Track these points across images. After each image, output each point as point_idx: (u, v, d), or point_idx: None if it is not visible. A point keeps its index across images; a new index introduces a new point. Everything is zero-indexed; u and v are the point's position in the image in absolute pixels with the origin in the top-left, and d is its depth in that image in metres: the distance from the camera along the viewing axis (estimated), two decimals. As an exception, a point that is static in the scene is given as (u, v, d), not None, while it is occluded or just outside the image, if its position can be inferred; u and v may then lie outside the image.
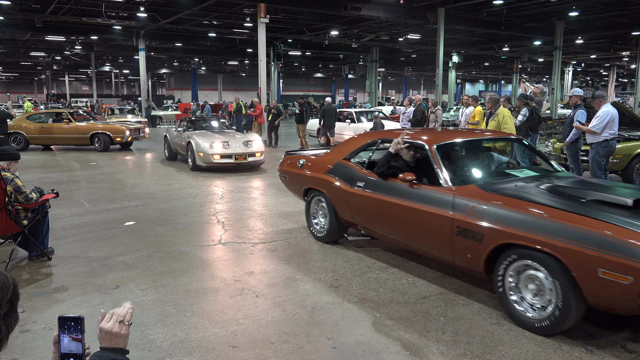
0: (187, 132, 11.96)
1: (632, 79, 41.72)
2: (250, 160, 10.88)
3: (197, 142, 10.81)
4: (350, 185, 5.06)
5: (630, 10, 20.55)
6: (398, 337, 3.46)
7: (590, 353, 3.24)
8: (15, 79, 61.87)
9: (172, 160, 12.93)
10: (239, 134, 12.03)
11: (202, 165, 10.77)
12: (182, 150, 11.73)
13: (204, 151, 10.59)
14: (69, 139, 15.35)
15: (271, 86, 28.62)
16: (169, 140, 12.93)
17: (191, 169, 11.17)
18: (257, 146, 11.10)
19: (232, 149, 10.72)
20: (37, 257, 5.11)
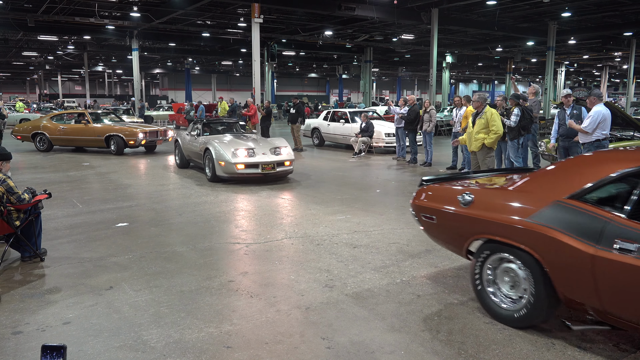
0: (203, 137, 10.48)
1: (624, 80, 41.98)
2: (279, 170, 9.42)
3: (218, 149, 9.33)
4: (596, 243, 3.04)
5: (623, 11, 20.72)
6: (392, 337, 3.47)
7: (584, 352, 3.26)
8: (7, 79, 61.48)
9: (184, 168, 11.53)
10: (263, 139, 10.50)
11: (223, 176, 9.36)
12: (198, 157, 10.39)
13: (225, 160, 9.14)
14: (86, 140, 14.71)
15: (265, 86, 28.60)
16: (181, 145, 11.45)
17: (210, 180, 9.68)
18: (286, 153, 9.62)
19: (258, 157, 9.26)
20: (30, 258, 5.08)
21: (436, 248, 5.48)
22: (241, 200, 8.13)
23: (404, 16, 20.07)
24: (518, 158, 9.36)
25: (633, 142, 9.07)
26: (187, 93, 44.41)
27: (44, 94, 53.55)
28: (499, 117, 7.69)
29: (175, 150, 12.01)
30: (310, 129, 17.18)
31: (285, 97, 49.21)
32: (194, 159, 10.94)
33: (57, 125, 14.98)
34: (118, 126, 14.55)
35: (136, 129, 14.22)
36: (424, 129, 12.04)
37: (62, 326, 3.65)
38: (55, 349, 1.39)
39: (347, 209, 7.43)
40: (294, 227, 6.39)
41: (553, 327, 3.59)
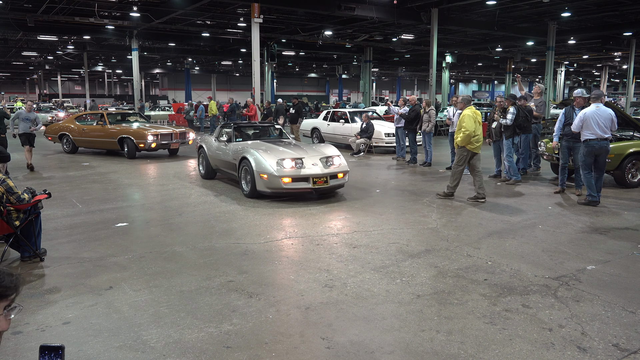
0: (235, 144, 9.00)
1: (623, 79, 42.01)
2: (332, 183, 7.94)
3: (259, 159, 7.84)
4: None
5: (622, 10, 20.71)
6: (392, 337, 3.47)
7: (583, 352, 3.26)
8: (7, 78, 61.50)
9: (210, 179, 10.01)
10: (308, 146, 8.88)
11: (265, 191, 7.84)
12: (229, 168, 9.01)
13: (269, 172, 7.64)
14: (102, 142, 14.03)
15: (265, 86, 28.59)
16: (207, 153, 9.92)
17: (247, 196, 8.15)
18: (338, 164, 8.17)
19: (308, 168, 7.79)
20: (30, 258, 5.07)
21: (436, 248, 5.49)
22: (240, 200, 8.12)
23: (404, 16, 20.07)
24: (510, 157, 9.39)
25: (633, 142, 9.08)
26: (187, 93, 44.41)
27: (44, 94, 53.53)
28: (471, 118, 7.81)
29: (198, 157, 10.50)
30: (310, 129, 17.18)
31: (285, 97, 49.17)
32: (223, 169, 9.45)
33: (81, 127, 14.51)
34: (132, 128, 13.61)
35: (146, 131, 13.23)
36: (423, 129, 12.05)
37: (62, 326, 3.65)
38: (53, 349, 1.39)
39: (346, 208, 7.44)
40: (293, 227, 6.39)
41: (553, 327, 3.60)
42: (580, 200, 7.77)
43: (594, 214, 7.12)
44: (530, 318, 3.74)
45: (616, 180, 9.13)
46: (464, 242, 5.71)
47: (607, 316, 3.77)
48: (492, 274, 4.69)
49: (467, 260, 5.07)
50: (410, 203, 7.88)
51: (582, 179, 7.82)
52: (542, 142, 10.21)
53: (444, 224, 6.57)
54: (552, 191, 8.74)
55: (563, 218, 6.89)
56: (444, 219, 6.85)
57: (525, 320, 3.71)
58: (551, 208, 7.50)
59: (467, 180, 10.13)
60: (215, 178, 10.10)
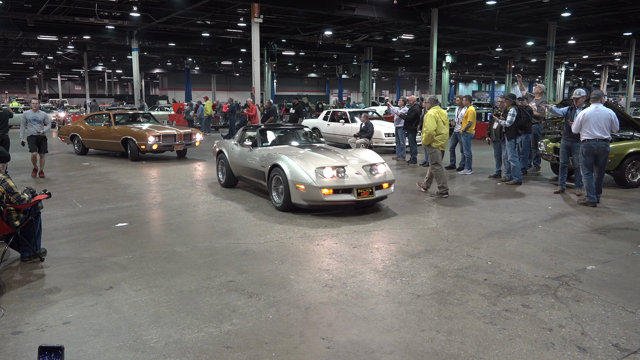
0: (262, 149, 8.06)
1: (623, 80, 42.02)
2: (377, 195, 7.00)
3: (294, 167, 6.86)
4: None
5: (622, 10, 20.73)
6: (392, 337, 3.47)
7: (583, 352, 3.26)
8: (7, 78, 61.50)
9: (230, 187, 9.05)
10: (347, 152, 7.95)
11: (302, 204, 6.87)
12: (256, 176, 7.99)
13: (306, 182, 6.66)
14: (107, 143, 13.60)
15: (265, 86, 28.60)
16: (228, 158, 8.91)
17: (279, 209, 7.20)
18: (383, 171, 7.28)
19: (351, 178, 6.82)
20: (30, 258, 5.07)
21: (436, 248, 5.49)
22: (240, 200, 8.12)
23: (404, 16, 20.08)
24: (515, 158, 9.39)
25: (633, 142, 9.08)
26: (187, 93, 44.42)
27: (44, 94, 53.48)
28: (433, 117, 8.27)
29: (217, 164, 9.43)
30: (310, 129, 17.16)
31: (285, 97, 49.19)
32: (247, 177, 8.41)
33: (89, 128, 14.12)
34: (134, 129, 13.04)
35: (148, 132, 12.66)
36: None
37: (62, 326, 3.65)
38: (52, 349, 1.39)
39: (346, 208, 7.43)
40: (293, 227, 6.39)
41: (553, 327, 3.60)
42: (580, 200, 7.77)
43: (594, 214, 7.12)
44: (530, 318, 3.74)
45: (616, 180, 9.13)
46: (464, 242, 5.71)
47: (607, 316, 3.77)
48: (492, 274, 4.69)
49: (467, 260, 5.07)
50: (410, 203, 7.88)
51: (582, 180, 7.81)
52: (542, 142, 10.20)
53: (444, 224, 6.57)
54: (552, 191, 8.74)
55: (563, 218, 6.89)
56: (444, 219, 6.85)
57: (525, 320, 3.71)
58: (551, 208, 7.50)
59: (468, 180, 10.13)
60: (237, 186, 9.15)
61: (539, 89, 10.86)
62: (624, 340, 3.42)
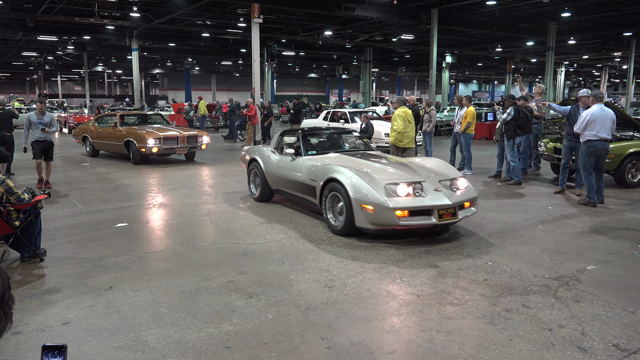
0: (308, 158, 6.91)
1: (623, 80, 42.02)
2: (461, 216, 5.76)
3: (359, 182, 5.65)
4: None
5: (622, 10, 20.72)
6: (392, 337, 3.46)
7: (583, 352, 3.26)
8: (7, 79, 61.48)
9: (265, 201, 7.90)
10: (412, 162, 6.76)
11: (369, 228, 5.62)
12: (301, 190, 6.82)
13: (376, 202, 5.42)
14: (111, 145, 13.14)
15: (265, 86, 28.59)
16: (263, 169, 7.70)
17: (338, 232, 5.96)
18: (464, 187, 6.12)
19: (430, 196, 5.61)
20: (30, 259, 5.07)
21: (436, 248, 5.48)
22: (240, 200, 8.12)
23: (404, 16, 20.07)
24: (515, 158, 9.39)
25: (633, 142, 9.08)
26: (187, 93, 44.42)
27: (44, 94, 53.49)
28: (401, 117, 8.84)
29: (249, 174, 8.25)
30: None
31: (285, 97, 49.22)
32: (290, 192, 7.22)
33: (97, 129, 13.71)
34: (136, 131, 12.37)
35: (148, 134, 11.95)
36: (423, 129, 12.04)
37: (62, 326, 3.65)
38: (55, 348, 1.39)
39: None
40: (293, 227, 6.39)
41: (553, 327, 3.60)
42: (580, 201, 7.76)
43: (594, 214, 7.12)
44: (530, 318, 3.74)
45: (616, 180, 9.12)
46: (463, 242, 5.71)
47: (607, 316, 3.77)
48: (492, 274, 4.69)
49: (467, 260, 5.07)
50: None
51: (582, 180, 7.77)
52: (542, 142, 10.20)
53: (444, 224, 6.56)
54: (552, 191, 8.74)
55: (563, 218, 6.89)
56: (444, 219, 6.83)
57: (525, 320, 3.71)
58: (551, 208, 7.50)
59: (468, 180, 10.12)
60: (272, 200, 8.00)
61: (539, 89, 10.87)
62: (624, 340, 3.42)
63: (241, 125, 18.93)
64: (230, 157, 14.11)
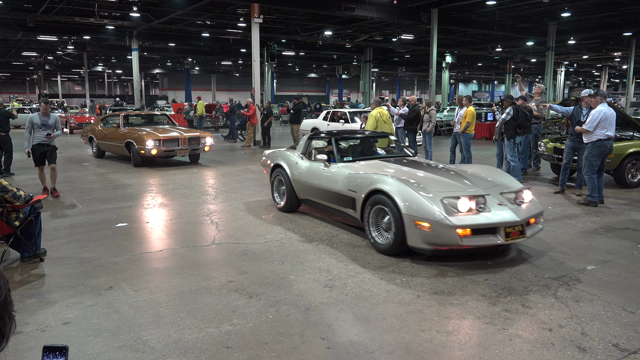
0: (344, 166, 6.21)
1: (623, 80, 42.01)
2: (528, 234, 5.08)
3: (411, 195, 4.97)
4: None
5: (622, 10, 20.73)
6: (392, 337, 3.46)
7: (583, 352, 3.26)
8: (7, 78, 61.50)
9: (291, 212, 7.20)
10: (463, 170, 6.03)
11: (424, 248, 4.93)
12: (336, 202, 6.09)
13: (433, 218, 4.74)
14: (114, 146, 12.79)
15: (265, 86, 28.59)
16: (289, 176, 6.98)
17: (384, 251, 5.25)
18: (529, 199, 5.38)
19: (495, 211, 4.95)
20: (30, 259, 5.07)
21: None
22: (240, 200, 8.12)
23: (404, 16, 20.08)
24: (514, 157, 9.39)
25: (633, 142, 9.08)
26: (187, 93, 44.42)
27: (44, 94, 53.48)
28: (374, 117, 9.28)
29: (272, 182, 7.52)
30: (310, 129, 17.18)
31: (285, 97, 49.22)
32: (322, 203, 6.47)
33: (101, 129, 13.43)
34: (136, 132, 11.96)
35: (147, 136, 11.52)
36: (423, 129, 12.05)
37: (62, 326, 3.65)
38: (57, 349, 1.39)
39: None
40: (293, 227, 6.39)
41: (553, 327, 3.60)
42: (580, 201, 7.76)
43: (594, 214, 7.12)
44: (530, 318, 3.74)
45: (616, 180, 9.12)
46: (464, 242, 5.70)
47: (607, 316, 3.77)
48: (492, 274, 4.69)
49: (466, 261, 5.06)
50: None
51: (586, 180, 7.68)
52: (542, 142, 10.20)
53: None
54: (552, 191, 8.73)
55: (563, 218, 6.89)
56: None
57: (525, 320, 3.71)
58: (551, 208, 7.50)
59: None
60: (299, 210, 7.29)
61: (538, 89, 10.87)
62: (624, 340, 3.42)
63: (241, 125, 18.93)
64: (231, 158, 14.10)
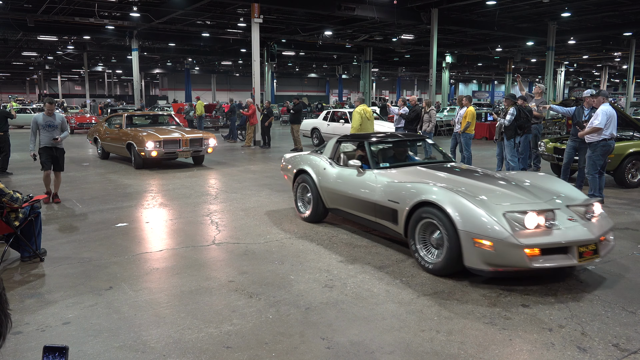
0: (381, 173, 5.58)
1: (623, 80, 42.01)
2: (602, 253, 4.44)
3: (468, 209, 4.34)
4: None
5: (622, 11, 20.73)
6: (392, 337, 3.46)
7: (583, 352, 3.26)
8: (7, 79, 61.50)
9: (317, 222, 6.59)
10: (517, 179, 5.42)
11: (483, 269, 4.30)
12: (373, 213, 5.46)
13: (497, 236, 4.12)
14: (116, 147, 12.50)
15: (265, 86, 28.59)
16: (317, 183, 6.38)
17: (435, 272, 4.63)
18: (598, 212, 4.73)
19: (566, 229, 4.32)
20: (30, 259, 5.07)
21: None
22: (240, 200, 8.12)
23: (404, 16, 20.07)
24: (514, 157, 9.38)
25: (633, 142, 9.08)
26: (187, 93, 44.42)
27: (44, 94, 53.48)
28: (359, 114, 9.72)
29: (295, 189, 6.91)
30: (310, 129, 17.18)
31: (285, 97, 49.21)
32: (355, 213, 5.84)
33: (105, 130, 13.17)
34: (137, 133, 11.60)
35: (147, 137, 11.16)
36: (423, 129, 12.05)
37: (62, 326, 3.65)
38: (57, 350, 1.38)
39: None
40: (293, 227, 6.39)
41: (553, 327, 3.60)
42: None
43: (594, 214, 7.11)
44: (530, 318, 3.74)
45: (616, 180, 9.12)
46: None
47: (607, 316, 3.77)
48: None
49: (467, 260, 5.06)
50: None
51: (589, 180, 7.63)
52: (542, 142, 10.19)
53: (444, 224, 6.55)
54: (552, 191, 8.72)
55: (563, 218, 6.88)
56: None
57: (525, 320, 3.71)
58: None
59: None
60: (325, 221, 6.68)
61: (538, 89, 10.86)
62: (624, 340, 3.42)
63: (241, 125, 18.93)
64: (231, 158, 14.11)
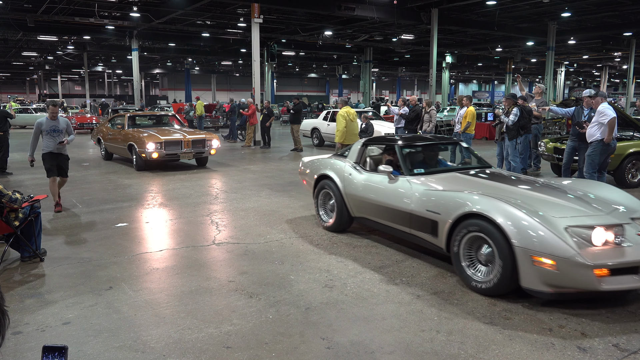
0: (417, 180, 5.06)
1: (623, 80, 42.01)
2: None
3: (529, 223, 3.84)
4: None
5: (622, 11, 20.73)
6: (392, 337, 3.46)
7: (583, 352, 3.26)
8: (7, 79, 61.50)
9: (341, 231, 6.09)
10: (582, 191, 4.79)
11: (543, 291, 3.82)
12: (408, 224, 4.97)
13: (561, 254, 3.64)
14: (118, 148, 12.30)
15: (265, 86, 28.59)
16: (342, 189, 5.90)
17: (486, 292, 4.14)
18: None
19: (637, 246, 3.88)
20: (29, 258, 5.07)
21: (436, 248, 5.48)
22: (240, 201, 8.12)
23: (404, 16, 20.07)
24: (515, 158, 9.38)
25: (633, 142, 9.08)
26: (187, 93, 44.40)
27: (44, 94, 53.48)
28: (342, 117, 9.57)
29: (317, 196, 6.42)
30: (310, 129, 17.17)
31: (285, 97, 49.20)
32: (385, 223, 5.35)
33: (108, 130, 12.96)
34: (138, 134, 11.34)
35: (148, 138, 10.91)
36: (423, 129, 12.05)
37: (62, 326, 3.65)
38: (56, 349, 1.38)
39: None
40: (293, 227, 6.39)
41: (553, 327, 3.60)
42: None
43: (594, 214, 7.10)
44: (530, 318, 3.74)
45: (616, 180, 9.12)
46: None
47: (607, 316, 3.77)
48: (492, 274, 4.68)
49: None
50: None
51: (587, 179, 7.68)
52: (542, 142, 10.19)
53: (444, 224, 6.55)
54: (552, 191, 8.71)
55: (563, 218, 6.88)
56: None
57: (525, 320, 3.71)
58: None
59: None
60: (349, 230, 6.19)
61: (538, 89, 10.86)
62: (624, 340, 3.42)
63: (241, 125, 18.92)
64: (231, 158, 14.10)
